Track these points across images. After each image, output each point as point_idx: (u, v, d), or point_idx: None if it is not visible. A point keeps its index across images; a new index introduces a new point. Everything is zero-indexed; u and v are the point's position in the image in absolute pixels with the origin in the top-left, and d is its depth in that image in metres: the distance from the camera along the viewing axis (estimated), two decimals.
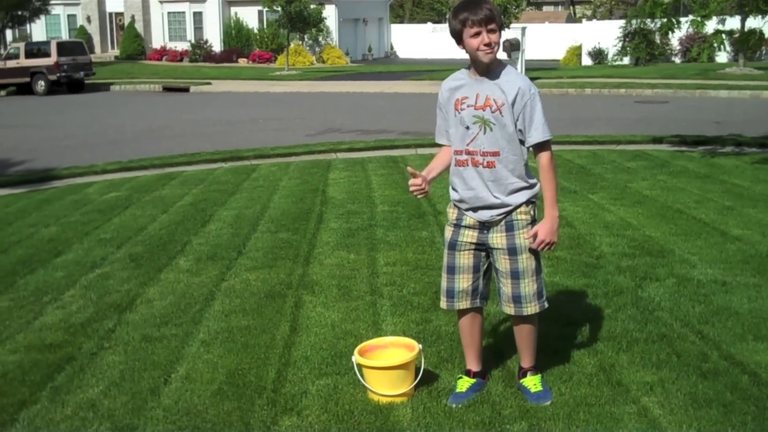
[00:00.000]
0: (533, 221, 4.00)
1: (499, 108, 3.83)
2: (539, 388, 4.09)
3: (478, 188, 3.94)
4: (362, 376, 4.18)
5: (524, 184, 3.96)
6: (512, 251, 3.96)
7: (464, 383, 4.19)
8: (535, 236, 3.93)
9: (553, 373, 4.34)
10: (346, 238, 7.48)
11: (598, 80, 28.04)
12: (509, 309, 4.06)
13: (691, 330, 4.91)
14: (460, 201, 4.03)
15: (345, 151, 14.00)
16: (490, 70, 3.87)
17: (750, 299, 5.43)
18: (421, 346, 4.29)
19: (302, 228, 8.02)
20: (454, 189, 4.06)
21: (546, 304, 4.10)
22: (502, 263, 3.99)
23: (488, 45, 3.77)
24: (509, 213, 3.96)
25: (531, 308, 4.03)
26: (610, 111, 19.81)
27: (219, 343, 5.00)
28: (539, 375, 4.17)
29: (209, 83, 33.20)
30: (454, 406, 4.02)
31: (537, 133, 3.85)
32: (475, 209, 3.99)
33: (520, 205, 3.96)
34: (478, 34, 3.77)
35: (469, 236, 4.03)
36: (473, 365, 4.26)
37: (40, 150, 15.58)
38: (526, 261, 3.98)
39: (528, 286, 3.99)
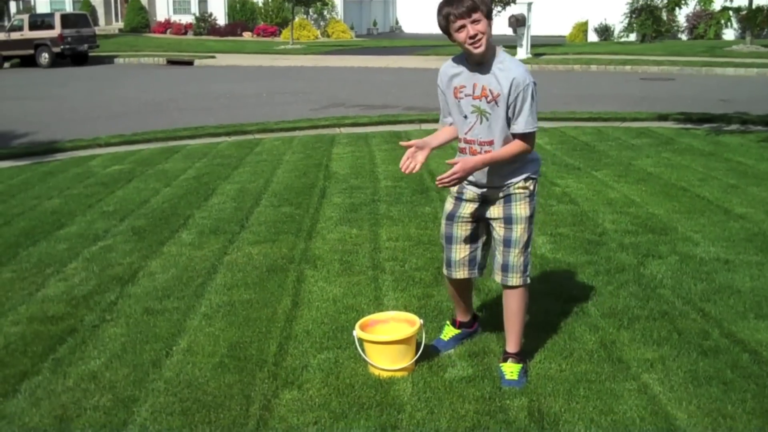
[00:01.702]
0: (531, 195, 4.03)
1: (495, 98, 3.83)
2: (514, 377, 4.02)
3: (477, 174, 3.98)
4: (363, 350, 4.19)
5: (527, 165, 4.00)
6: (508, 221, 4.01)
7: (448, 332, 4.46)
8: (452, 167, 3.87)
9: (553, 349, 4.35)
10: (349, 213, 7.48)
11: (603, 57, 27.92)
12: (498, 277, 4.10)
13: (693, 308, 4.91)
14: (469, 179, 4.04)
15: (349, 126, 13.96)
16: (485, 59, 3.84)
17: (752, 277, 5.43)
18: (422, 321, 4.30)
19: (305, 202, 8.02)
20: None
21: (528, 280, 4.09)
22: (498, 231, 4.05)
23: (473, 37, 3.73)
24: (510, 187, 4.00)
25: (515, 279, 4.03)
26: (615, 88, 19.73)
27: (221, 316, 5.01)
28: (520, 365, 4.08)
29: (213, 57, 33.09)
30: (440, 349, 4.34)
31: (521, 124, 3.83)
32: (480, 186, 4.04)
33: (519, 181, 4.00)
34: (462, 27, 3.73)
35: (469, 209, 4.10)
36: (460, 316, 4.46)
37: (44, 122, 15.55)
38: (519, 231, 4.00)
39: (516, 257, 4.01)
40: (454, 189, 4.13)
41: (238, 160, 10.68)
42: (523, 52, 28.26)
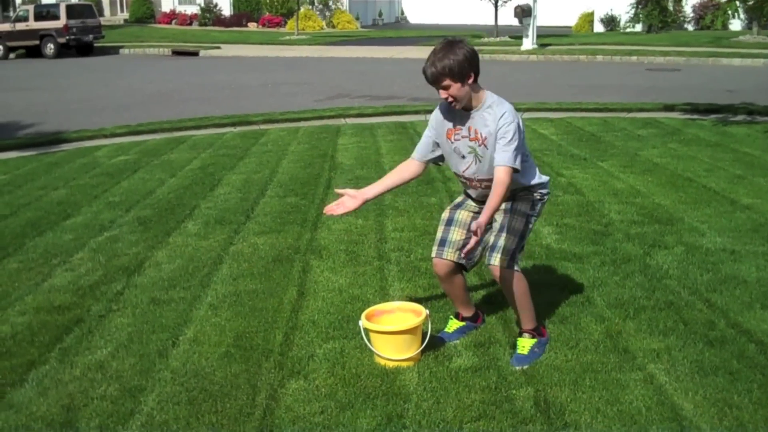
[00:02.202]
0: (534, 203, 4.21)
1: (484, 141, 3.99)
2: (524, 351, 4.15)
3: (479, 197, 4.23)
4: (369, 340, 4.19)
5: (527, 185, 4.18)
6: (507, 211, 4.16)
7: (453, 325, 4.49)
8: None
9: (559, 339, 4.35)
10: None
11: (609, 47, 27.83)
12: (486, 258, 4.15)
13: (699, 298, 4.90)
14: (473, 198, 4.31)
15: (354, 116, 13.95)
16: (472, 106, 4.01)
17: (758, 268, 5.42)
18: (428, 311, 4.30)
19: (310, 193, 8.02)
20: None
21: (514, 267, 4.10)
22: (498, 219, 4.16)
23: (447, 100, 3.94)
24: (513, 193, 4.18)
25: (498, 259, 4.06)
26: (621, 78, 19.67)
27: (227, 306, 5.02)
28: (535, 339, 4.21)
29: (218, 47, 33.07)
30: (446, 340, 4.37)
31: (500, 157, 3.91)
32: (480, 203, 4.22)
33: (523, 189, 4.19)
34: (437, 89, 3.94)
35: (475, 205, 4.30)
36: (462, 310, 4.50)
37: (50, 113, 15.57)
38: (515, 221, 4.14)
39: (507, 241, 4.09)
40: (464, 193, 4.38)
41: (244, 151, 10.69)
42: (528, 43, 28.19)
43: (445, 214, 4.36)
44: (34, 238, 6.77)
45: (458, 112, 4.05)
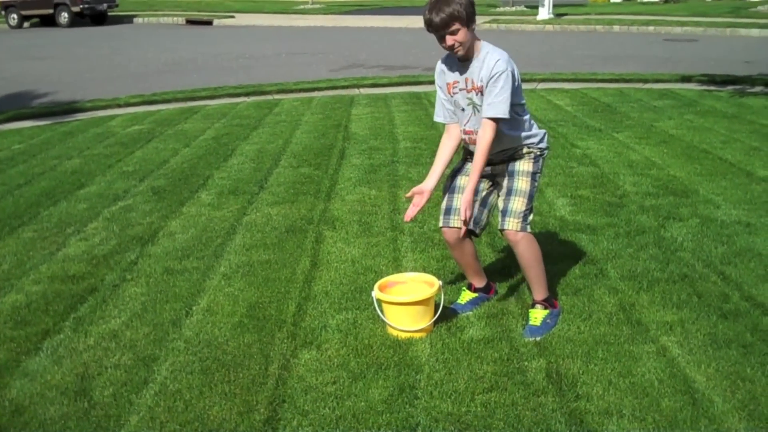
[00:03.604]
0: (536, 158, 4.20)
1: (480, 90, 4.00)
2: (537, 322, 4.17)
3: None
4: (381, 311, 4.20)
5: (523, 140, 4.16)
6: (511, 174, 4.18)
7: (465, 296, 4.50)
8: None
9: (572, 311, 4.34)
10: (368, 174, 7.47)
11: (626, 17, 27.57)
12: (499, 223, 4.16)
13: (713, 270, 4.88)
14: (470, 154, 4.24)
15: (368, 86, 13.90)
16: (469, 57, 4.02)
17: None
18: (441, 282, 4.30)
19: (324, 163, 8.01)
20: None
21: (528, 229, 4.14)
22: (502, 183, 4.20)
23: (451, 47, 3.95)
24: (512, 153, 4.19)
25: (512, 223, 4.08)
26: (638, 49, 19.50)
27: (240, 276, 5.03)
28: (547, 311, 4.22)
29: (233, 17, 32.95)
30: (458, 311, 4.38)
31: (490, 109, 3.95)
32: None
33: (522, 147, 4.18)
34: (441, 37, 3.94)
35: None
36: (474, 281, 4.51)
37: (64, 82, 15.58)
38: (521, 182, 4.14)
39: (516, 203, 4.10)
40: (463, 156, 4.36)
41: (257, 121, 10.67)
42: (545, 12, 27.96)
43: (446, 182, 4.36)
44: (49, 207, 6.80)
45: (455, 65, 4.08)
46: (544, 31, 25.54)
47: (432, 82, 4.41)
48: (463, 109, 4.12)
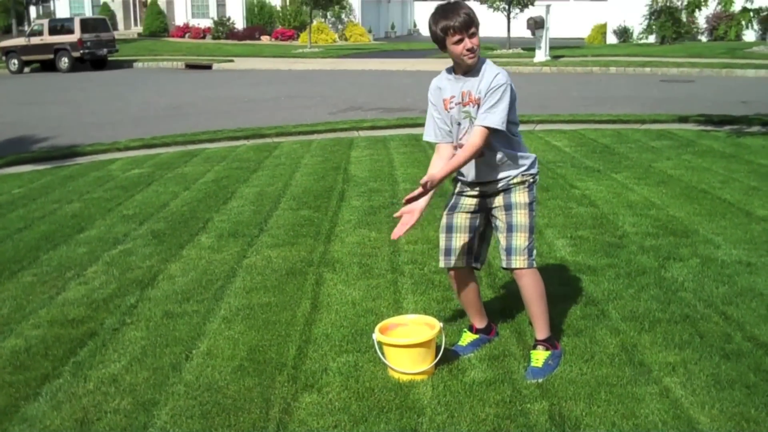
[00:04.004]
0: (530, 186, 4.20)
1: (477, 102, 4.01)
2: (539, 364, 4.14)
3: (474, 173, 4.19)
4: (383, 353, 4.18)
5: (516, 161, 4.16)
6: (508, 207, 4.17)
7: (466, 338, 4.49)
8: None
9: (574, 352, 4.32)
10: (368, 216, 7.48)
11: (623, 59, 27.79)
12: (503, 262, 4.20)
13: (715, 311, 4.86)
14: (462, 181, 4.29)
15: (367, 129, 13.97)
16: (470, 68, 4.06)
17: None
18: (441, 324, 4.28)
19: (324, 206, 8.02)
20: (457, 173, 4.31)
21: (534, 264, 4.17)
22: (501, 218, 4.19)
23: (470, 50, 3.98)
24: (507, 182, 4.17)
25: (519, 261, 4.12)
26: (635, 90, 19.64)
27: (240, 319, 5.01)
28: (549, 352, 4.20)
29: (232, 60, 33.21)
30: (459, 353, 4.36)
31: (486, 119, 3.96)
32: (475, 186, 4.24)
33: (516, 175, 4.17)
34: (460, 40, 3.96)
35: (470, 201, 4.30)
36: (476, 322, 4.51)
37: (64, 127, 15.65)
38: (519, 216, 4.14)
39: (518, 239, 4.12)
40: (456, 188, 4.34)
41: (257, 164, 10.71)
42: (541, 54, 28.19)
43: (443, 221, 4.37)
44: (48, 251, 6.79)
45: (452, 81, 4.13)
46: (541, 73, 25.73)
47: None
48: (459, 123, 4.13)
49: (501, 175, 4.13)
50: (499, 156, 4.09)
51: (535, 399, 3.86)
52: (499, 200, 4.18)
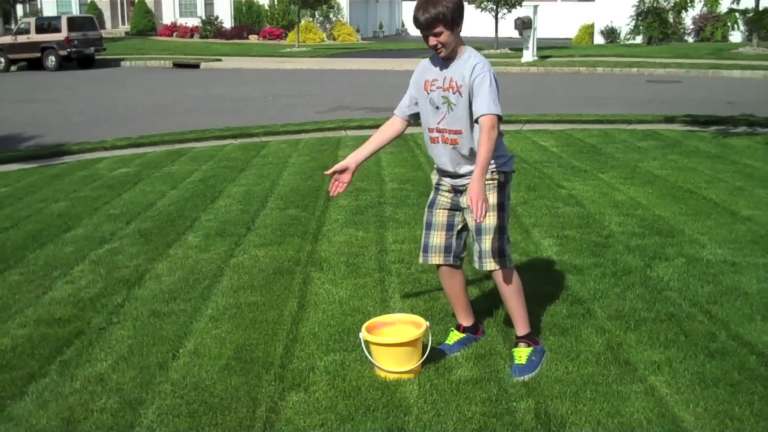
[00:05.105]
0: (501, 186, 4.19)
1: (459, 89, 4.07)
2: (522, 361, 4.17)
3: (447, 162, 4.23)
4: (369, 352, 4.19)
5: (493, 160, 4.12)
6: None
7: (453, 336, 4.51)
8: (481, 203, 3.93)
9: (560, 351, 4.34)
10: (355, 216, 7.48)
11: (610, 59, 27.90)
12: (476, 264, 4.26)
13: (700, 310, 4.90)
14: (438, 169, 4.35)
15: (355, 128, 13.98)
16: (452, 56, 4.12)
17: (759, 279, 5.41)
18: (428, 323, 4.29)
19: (311, 205, 8.02)
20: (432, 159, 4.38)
21: (507, 264, 4.20)
22: (470, 221, 4.23)
23: (434, 47, 4.06)
24: None
25: (489, 264, 4.17)
26: (621, 90, 19.71)
27: (227, 318, 5.01)
28: (531, 348, 4.23)
29: (219, 60, 33.15)
30: (446, 352, 4.38)
31: (482, 105, 3.97)
32: (450, 176, 4.28)
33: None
34: (425, 36, 4.05)
35: (446, 197, 4.35)
36: (462, 320, 4.54)
37: (51, 125, 15.59)
38: (489, 219, 4.14)
39: (488, 243, 4.15)
40: (434, 180, 4.40)
41: (245, 163, 10.70)
42: (529, 55, 28.25)
43: (425, 217, 4.43)
44: (35, 250, 6.77)
45: (438, 64, 4.18)
46: (528, 73, 25.79)
47: (418, 124, 4.42)
48: (437, 107, 4.17)
49: (468, 168, 4.13)
50: (471, 147, 4.11)
51: (521, 397, 3.87)
52: (468, 200, 4.12)
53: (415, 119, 4.42)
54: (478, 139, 4.02)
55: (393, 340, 4.15)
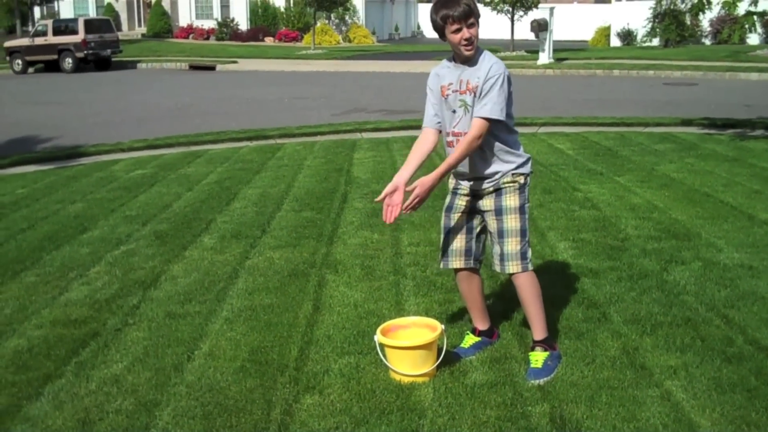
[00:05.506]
0: (521, 188, 4.20)
1: (474, 91, 4.05)
2: (538, 365, 4.16)
3: (466, 165, 4.17)
4: (384, 355, 4.18)
5: (509, 157, 4.17)
6: (498, 212, 4.18)
7: (469, 340, 4.50)
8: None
9: (576, 355, 4.32)
10: (370, 218, 7.48)
11: (626, 62, 27.80)
12: (497, 267, 4.26)
13: (717, 314, 4.86)
14: (456, 173, 4.30)
15: (370, 131, 13.98)
16: (470, 58, 4.10)
17: None
18: (443, 326, 4.29)
19: (326, 207, 8.03)
20: None
21: (529, 267, 4.22)
22: (491, 224, 4.22)
23: (468, 40, 4.02)
24: (498, 180, 4.17)
25: (513, 267, 4.18)
26: (638, 93, 19.64)
27: (242, 320, 5.02)
28: (547, 353, 4.22)
29: (235, 62, 33.24)
30: (461, 355, 4.37)
31: (484, 109, 3.99)
32: (468, 179, 4.25)
33: (507, 173, 4.17)
34: (458, 30, 4.01)
35: (464, 201, 4.31)
36: (478, 323, 4.52)
37: (68, 127, 15.68)
38: (511, 221, 4.17)
39: (511, 245, 4.16)
40: (452, 185, 4.37)
41: (260, 165, 10.72)
42: (545, 57, 28.19)
43: (442, 221, 4.40)
44: (51, 251, 6.81)
45: (451, 69, 4.18)
46: (544, 76, 25.74)
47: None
48: (454, 111, 4.16)
49: (491, 169, 4.13)
50: (494, 151, 4.11)
51: (537, 401, 3.86)
52: (489, 203, 4.19)
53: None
54: (497, 138, 4.07)
55: (408, 343, 4.15)
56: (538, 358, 4.19)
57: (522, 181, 4.20)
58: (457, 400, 3.89)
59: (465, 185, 4.28)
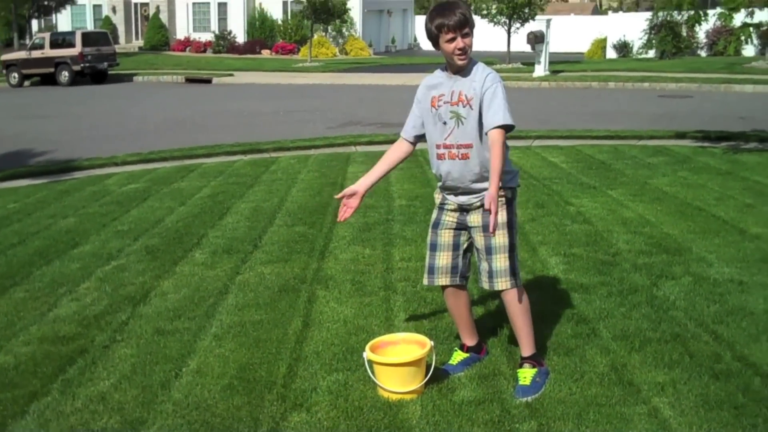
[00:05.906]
0: (509, 203, 4.18)
1: (469, 102, 4.05)
2: (526, 382, 4.14)
3: (455, 179, 4.17)
4: (373, 372, 4.17)
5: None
6: (486, 228, 4.10)
7: (457, 356, 4.47)
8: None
9: (564, 372, 4.31)
10: (363, 233, 7.47)
11: (621, 74, 27.87)
12: (486, 284, 4.24)
13: (705, 330, 4.86)
14: (443, 187, 4.29)
15: (365, 144, 13.99)
16: (462, 68, 4.10)
17: (766, 299, 5.36)
18: (432, 343, 4.28)
19: (319, 222, 8.02)
20: (437, 177, 4.32)
21: (518, 284, 4.20)
22: (478, 240, 4.20)
23: (462, 49, 4.02)
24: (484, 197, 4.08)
25: (501, 284, 4.15)
26: (633, 105, 19.67)
27: (231, 337, 5.00)
28: (535, 369, 4.19)
29: (232, 75, 33.30)
30: (450, 372, 4.35)
31: (496, 117, 3.96)
32: (455, 194, 4.23)
33: None
34: (453, 39, 4.01)
35: (451, 217, 4.29)
36: (466, 339, 4.50)
37: (62, 141, 15.68)
38: (499, 238, 4.13)
39: (499, 262, 4.14)
40: (438, 199, 4.35)
41: (254, 179, 10.72)
42: (541, 69, 28.25)
43: (428, 238, 4.38)
44: (42, 267, 6.79)
45: (442, 79, 4.17)
46: (539, 88, 25.78)
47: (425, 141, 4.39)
48: (445, 123, 4.13)
49: (479, 184, 4.11)
50: (482, 161, 4.07)
51: (524, 419, 3.85)
52: (476, 219, 4.18)
53: (420, 140, 4.38)
54: (489, 152, 4.01)
55: (397, 360, 4.14)
56: (526, 375, 4.17)
57: (509, 195, 4.18)
58: (445, 418, 3.87)
59: (452, 200, 4.26)
